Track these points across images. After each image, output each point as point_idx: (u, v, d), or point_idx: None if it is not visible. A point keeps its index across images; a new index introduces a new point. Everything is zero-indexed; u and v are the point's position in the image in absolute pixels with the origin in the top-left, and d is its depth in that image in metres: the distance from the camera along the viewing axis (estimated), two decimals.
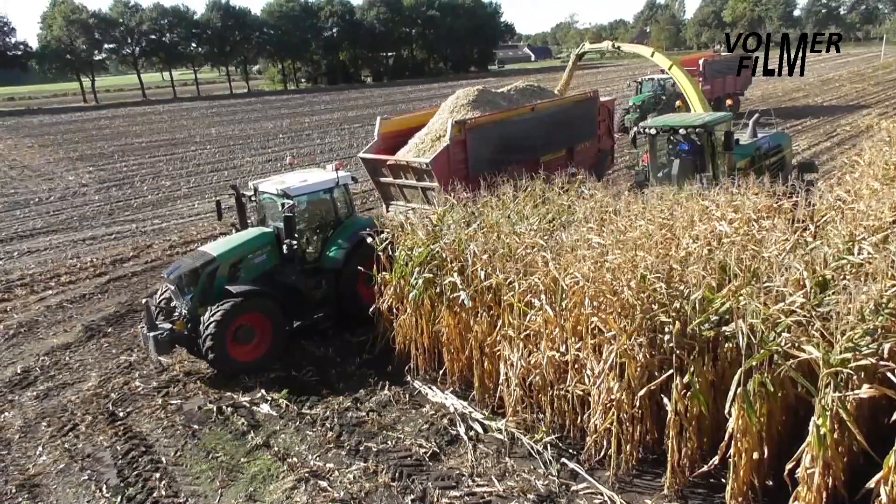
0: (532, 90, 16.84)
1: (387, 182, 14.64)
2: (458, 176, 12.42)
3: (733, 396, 6.22)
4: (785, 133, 16.94)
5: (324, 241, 11.64)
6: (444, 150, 13.13)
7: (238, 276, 10.84)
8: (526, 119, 14.85)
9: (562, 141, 15.89)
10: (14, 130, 51.04)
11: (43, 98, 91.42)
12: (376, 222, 12.32)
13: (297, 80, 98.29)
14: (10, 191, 27.57)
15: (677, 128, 12.84)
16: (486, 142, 13.80)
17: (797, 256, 7.29)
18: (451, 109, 14.93)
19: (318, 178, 11.64)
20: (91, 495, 7.91)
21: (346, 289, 11.38)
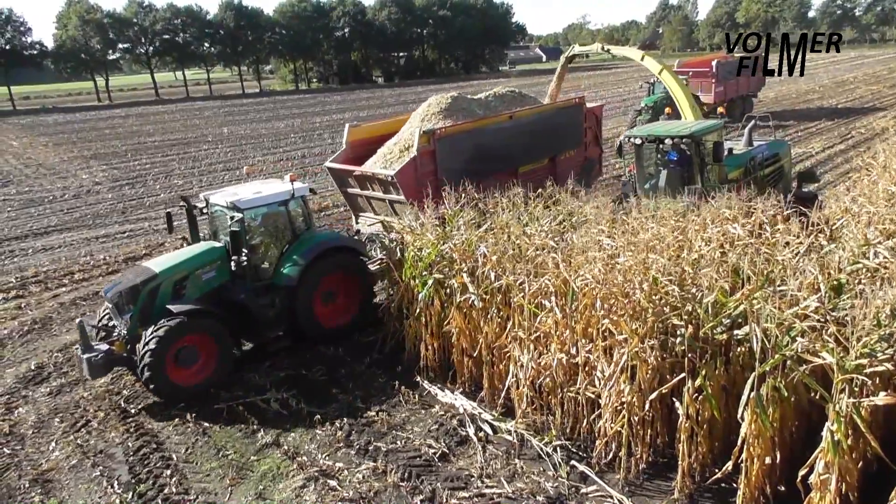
0: (512, 96, 15.89)
1: (354, 193, 13.91)
2: (426, 188, 11.83)
3: (746, 401, 6.18)
4: (784, 141, 16.19)
5: (278, 256, 11.02)
6: (412, 162, 12.36)
7: (183, 293, 10.19)
8: (503, 128, 13.94)
9: (543, 150, 14.99)
10: (29, 129, 51.52)
11: (58, 97, 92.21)
12: (344, 235, 12.07)
13: (309, 80, 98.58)
14: (25, 189, 27.82)
15: (663, 137, 12.01)
16: (457, 152, 12.93)
17: (811, 260, 7.23)
18: (421, 118, 14.10)
19: (273, 190, 10.97)
20: (103, 491, 7.97)
21: (302, 308, 10.82)
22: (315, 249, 10.83)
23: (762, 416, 6.15)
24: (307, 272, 10.67)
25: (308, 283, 10.73)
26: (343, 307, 11.53)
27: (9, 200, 25.65)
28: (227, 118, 52.67)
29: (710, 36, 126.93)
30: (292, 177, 10.98)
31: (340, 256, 11.26)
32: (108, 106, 72.33)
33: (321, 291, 11.15)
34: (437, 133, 12.71)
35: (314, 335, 11.09)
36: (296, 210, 11.15)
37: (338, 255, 11.20)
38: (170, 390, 9.67)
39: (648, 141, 12.29)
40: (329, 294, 11.34)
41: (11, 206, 24.58)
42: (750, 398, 6.16)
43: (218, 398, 9.90)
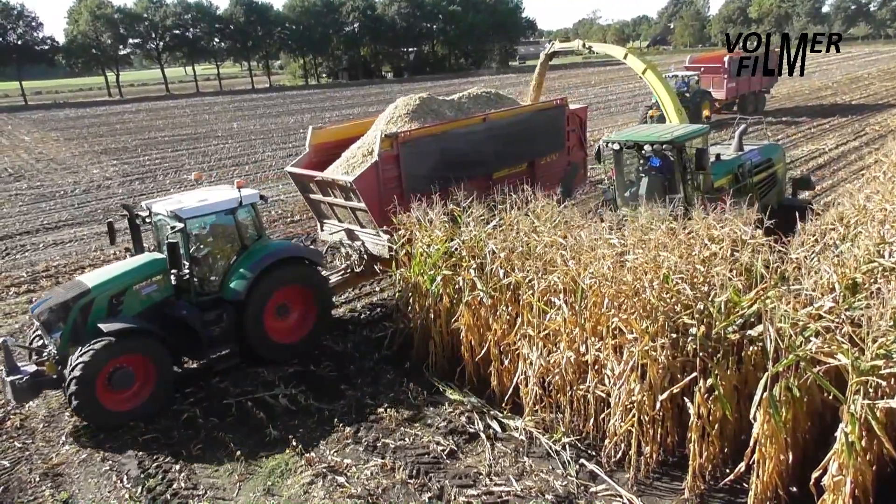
0: (487, 98, 14.85)
1: (317, 200, 13.12)
2: (389, 196, 11.31)
3: (759, 401, 6.10)
4: (777, 144, 15.13)
5: (226, 269, 10.34)
6: (372, 167, 11.41)
7: (120, 310, 9.52)
8: (475, 131, 12.95)
9: (521, 154, 14.02)
10: (41, 124, 51.83)
11: (69, 92, 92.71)
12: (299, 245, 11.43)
13: (318, 76, 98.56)
14: (37, 183, 27.99)
15: (642, 143, 11.13)
16: (424, 157, 12.05)
17: (826, 259, 7.13)
18: (387, 120, 13.19)
19: (219, 197, 10.29)
20: (112, 486, 7.99)
21: (252, 323, 10.20)
22: (265, 261, 10.22)
23: (775, 417, 6.08)
24: (256, 285, 10.08)
25: (258, 296, 10.15)
26: (298, 321, 10.96)
27: (20, 195, 25.81)
28: (236, 113, 52.79)
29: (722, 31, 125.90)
30: (239, 183, 10.32)
31: (294, 268, 10.68)
32: (118, 101, 72.66)
33: (273, 305, 10.55)
34: (400, 136, 11.76)
35: (266, 352, 10.50)
36: (244, 219, 10.45)
37: (291, 267, 10.62)
38: (101, 416, 8.99)
39: (627, 147, 11.41)
40: (282, 308, 10.75)
41: (23, 201, 24.74)
42: (763, 398, 6.09)
43: (227, 394, 9.91)
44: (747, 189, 11.86)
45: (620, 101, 44.99)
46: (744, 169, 12.19)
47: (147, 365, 9.31)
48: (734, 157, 12.68)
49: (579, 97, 49.51)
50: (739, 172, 12.10)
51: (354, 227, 12.44)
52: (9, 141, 42.29)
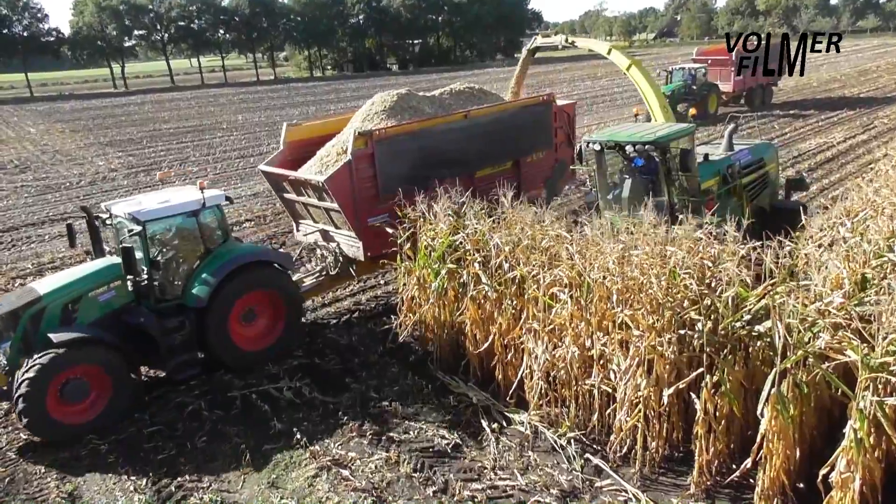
0: (470, 93, 14.26)
1: (291, 199, 12.69)
2: (364, 197, 11.03)
3: (766, 397, 6.05)
4: (770, 143, 14.42)
5: (189, 274, 9.96)
6: (345, 167, 10.92)
7: (75, 318, 9.13)
8: (456, 128, 12.40)
9: (505, 153, 13.40)
10: (47, 115, 51.88)
11: (75, 84, 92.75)
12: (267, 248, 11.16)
13: (323, 68, 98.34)
14: (43, 175, 28.03)
15: (624, 143, 10.54)
16: (401, 156, 11.53)
17: (836, 254, 7.06)
18: (363, 117, 12.68)
19: (182, 199, 9.91)
20: (117, 477, 8.01)
21: (215, 331, 9.85)
22: (229, 265, 9.80)
23: (783, 413, 6.03)
24: (220, 291, 9.70)
25: (222, 302, 9.78)
26: (266, 328, 10.60)
27: (26, 186, 25.86)
28: (241, 105, 52.74)
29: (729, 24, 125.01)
30: (201, 184, 9.91)
31: (261, 272, 10.30)
32: (124, 93, 72.69)
33: (239, 311, 10.18)
34: (375, 134, 11.24)
35: (231, 360, 10.16)
36: (209, 221, 10.05)
37: (258, 271, 10.24)
38: (54, 430, 8.63)
39: (608, 147, 10.78)
40: (249, 314, 10.38)
41: (29, 193, 24.78)
42: (771, 394, 6.04)
43: (231, 386, 9.92)
44: (736, 191, 11.42)
45: (627, 94, 44.72)
46: (733, 170, 11.55)
47: (102, 375, 8.90)
48: (723, 157, 12.01)
49: (585, 89, 49.30)
50: (728, 173, 11.46)
51: (329, 228, 12.04)
52: (14, 132, 42.36)
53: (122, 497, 7.68)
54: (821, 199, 12.74)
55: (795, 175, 16.07)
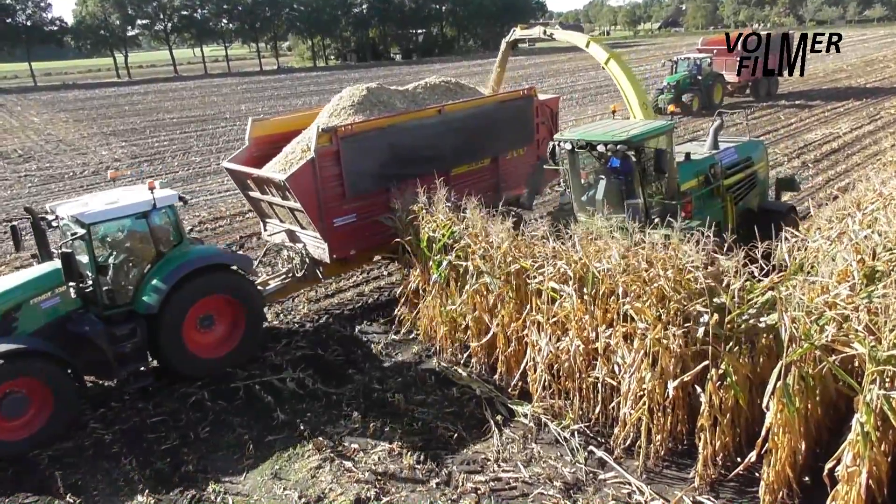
0: (446, 87, 13.66)
1: (256, 198, 12.20)
2: (329, 196, 10.63)
3: (772, 390, 6.01)
4: (758, 141, 13.64)
5: (139, 279, 9.44)
6: (308, 165, 10.44)
7: (14, 327, 8.61)
8: (430, 124, 11.85)
9: (483, 149, 12.85)
10: (50, 105, 51.83)
11: (78, 73, 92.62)
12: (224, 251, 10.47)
13: (327, 57, 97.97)
14: (46, 164, 28.03)
15: (595, 143, 9.88)
16: (368, 153, 11.05)
17: (844, 246, 6.99)
18: (330, 113, 12.09)
19: (131, 199, 9.36)
20: (120, 468, 8.01)
21: (168, 338, 9.39)
22: (182, 269, 9.33)
23: (788, 406, 5.98)
24: (172, 296, 9.24)
25: (175, 308, 9.32)
26: (225, 334, 10.15)
27: (30, 176, 25.86)
28: (245, 95, 52.61)
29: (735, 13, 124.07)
30: (151, 184, 9.31)
31: (218, 276, 9.85)
32: (127, 82, 72.56)
33: (194, 317, 9.72)
34: (339, 131, 10.70)
35: (186, 369, 9.74)
36: (160, 223, 9.52)
37: (214, 275, 9.78)
38: None
39: (579, 146, 10.12)
40: (206, 319, 9.92)
41: (32, 182, 24.79)
42: (776, 387, 5.99)
43: (234, 377, 9.91)
44: (720, 192, 10.85)
45: None
46: (716, 170, 10.88)
47: (43, 389, 8.38)
48: (706, 156, 11.32)
49: (589, 80, 49.00)
50: (711, 173, 10.82)
51: (296, 228, 11.60)
52: (18, 122, 42.35)
53: (126, 487, 7.69)
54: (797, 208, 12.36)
55: (786, 175, 15.36)
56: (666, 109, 30.43)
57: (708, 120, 28.10)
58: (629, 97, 14.42)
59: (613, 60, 14.71)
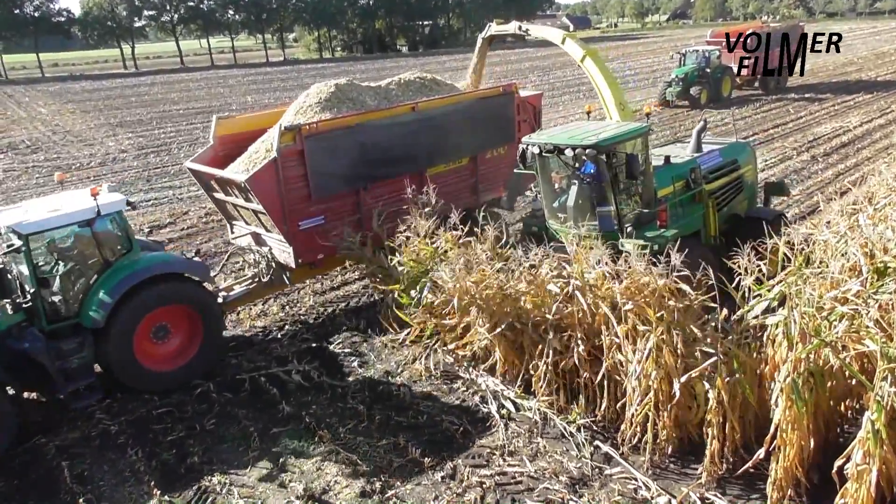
0: (421, 84, 13.07)
1: (220, 199, 11.68)
2: (294, 198, 10.23)
3: (781, 387, 5.95)
4: (745, 143, 12.75)
5: (85, 290, 8.92)
6: (271, 165, 9.96)
7: None
8: (403, 122, 11.33)
9: (461, 148, 12.28)
10: (58, 96, 51.89)
11: (85, 64, 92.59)
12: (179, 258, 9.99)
13: (333, 49, 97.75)
14: (54, 155, 28.07)
15: (563, 147, 9.25)
16: (336, 153, 10.53)
17: (854, 241, 6.92)
18: (296, 110, 11.55)
19: (74, 206, 8.73)
20: (126, 459, 8.03)
21: (117, 352, 8.89)
22: (130, 280, 8.78)
23: (797, 403, 5.93)
24: (120, 308, 8.74)
25: (124, 320, 8.82)
26: (182, 345, 9.63)
27: (37, 167, 25.90)
28: (251, 87, 52.55)
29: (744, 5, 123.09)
30: (93, 191, 8.67)
31: (172, 285, 9.30)
32: (134, 74, 72.59)
33: (147, 329, 9.21)
34: (304, 129, 10.19)
35: (138, 383, 9.22)
36: (106, 230, 8.98)
37: (168, 284, 9.24)
38: None
39: (546, 151, 9.53)
40: (161, 330, 9.41)
41: (40, 173, 24.82)
42: (785, 384, 5.94)
43: (240, 369, 9.92)
44: (701, 198, 10.23)
45: (639, 77, 44.23)
46: (697, 174, 10.24)
47: None
48: (687, 159, 10.63)
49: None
50: (692, 178, 10.17)
51: (261, 231, 11.16)
52: (26, 113, 42.42)
53: (132, 478, 7.71)
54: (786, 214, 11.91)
55: (775, 181, 14.49)
56: (673, 102, 30.34)
57: (714, 114, 27.94)
58: (605, 97, 13.53)
59: (590, 58, 13.78)
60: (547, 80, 45.39)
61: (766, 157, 20.60)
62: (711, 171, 10.69)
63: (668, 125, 26.58)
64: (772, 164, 19.97)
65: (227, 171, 10.95)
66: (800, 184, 17.74)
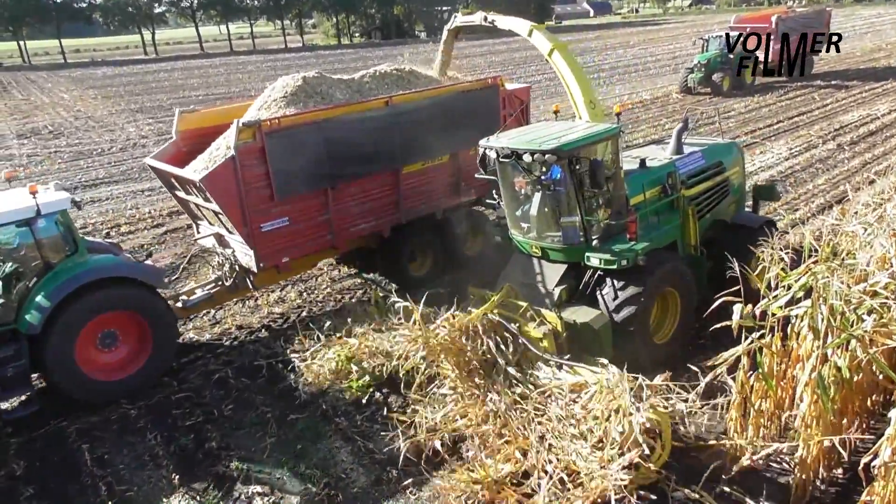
0: (398, 76, 12.28)
1: (183, 198, 11.02)
2: (256, 198, 9.61)
3: (806, 381, 5.82)
4: (732, 144, 11.55)
5: (24, 294, 8.46)
6: (228, 163, 9.33)
7: None
8: (375, 117, 10.62)
9: (440, 145, 11.40)
10: (79, 82, 52.36)
11: (107, 50, 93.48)
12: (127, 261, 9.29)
13: (351, 35, 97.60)
14: (75, 141, 28.33)
15: (521, 151, 8.40)
16: (301, 150, 9.87)
17: (882, 232, 6.73)
18: (260, 105, 10.89)
19: (12, 206, 8.26)
20: (145, 443, 8.11)
21: (56, 361, 8.41)
22: (70, 284, 8.32)
23: (823, 398, 5.79)
24: (60, 314, 8.31)
25: (63, 327, 8.37)
26: (132, 353, 9.16)
27: (60, 152, 26.17)
28: (269, 73, 52.53)
29: None
30: (32, 188, 8.27)
31: (119, 290, 8.81)
32: (154, 59, 73.03)
33: (91, 336, 8.75)
34: (264, 125, 9.53)
35: (81, 394, 8.73)
36: (47, 231, 8.52)
37: (114, 289, 8.78)
38: None
39: (504, 156, 8.66)
40: (109, 338, 8.95)
41: (62, 158, 25.08)
42: (811, 378, 5.80)
43: (258, 355, 9.95)
44: (679, 204, 9.33)
45: (661, 63, 43.60)
46: (674, 179, 9.29)
47: None
48: (664, 162, 9.69)
49: (617, 58, 48.14)
50: (668, 184, 9.26)
51: (224, 232, 10.51)
52: (49, 98, 42.86)
53: (151, 462, 7.78)
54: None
55: (765, 183, 13.41)
56: (695, 88, 29.77)
57: (737, 101, 27.47)
58: (574, 94, 12.06)
59: (558, 51, 12.42)
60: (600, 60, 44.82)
61: (791, 146, 20.23)
62: (693, 175, 9.80)
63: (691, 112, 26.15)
64: (797, 152, 19.59)
65: (186, 169, 10.31)
66: (825, 173, 17.39)
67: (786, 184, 16.47)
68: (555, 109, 10.35)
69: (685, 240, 9.39)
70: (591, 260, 8.37)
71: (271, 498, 7.08)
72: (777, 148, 20.20)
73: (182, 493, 7.23)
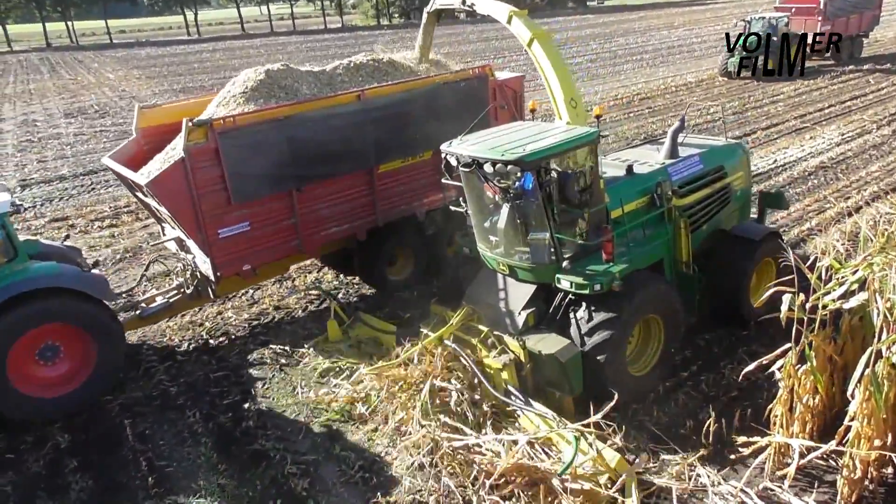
0: (374, 68, 11.32)
1: (143, 200, 10.29)
2: (211, 203, 8.90)
3: (859, 378, 5.59)
4: (737, 145, 10.29)
5: None
6: (178, 166, 8.61)
7: None
8: (346, 112, 9.78)
9: (420, 141, 10.49)
10: (124, 62, 53.37)
11: (151, 31, 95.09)
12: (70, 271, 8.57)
13: (391, 16, 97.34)
14: (120, 120, 28.89)
15: (483, 161, 7.42)
16: (261, 150, 9.12)
17: None
18: (219, 102, 10.04)
19: None
20: (185, 421, 8.25)
21: None
22: (3, 293, 7.77)
23: (876, 396, 5.56)
24: None
25: None
26: (75, 368, 8.54)
27: (105, 131, 26.73)
28: (308, 54, 52.79)
29: None
30: None
31: (60, 301, 8.18)
32: (196, 40, 73.95)
33: (27, 349, 8.18)
34: (216, 124, 8.77)
35: (13, 411, 8.14)
36: None
37: (55, 299, 8.15)
38: None
39: (464, 164, 7.65)
40: (49, 351, 8.36)
41: (108, 137, 25.61)
42: (864, 375, 5.56)
43: (297, 336, 10.02)
44: (672, 216, 8.33)
45: (707, 45, 42.36)
46: (664, 188, 8.24)
47: None
48: (655, 168, 8.70)
49: (661, 40, 46.96)
50: (658, 193, 8.24)
51: (183, 237, 9.76)
52: (95, 78, 43.80)
53: (190, 439, 7.92)
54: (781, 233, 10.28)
55: (772, 190, 12.05)
56: (735, 73, 28.65)
57: (786, 85, 26.51)
58: (553, 90, 10.35)
59: (538, 42, 10.58)
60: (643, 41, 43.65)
61: (843, 132, 19.46)
62: (688, 182, 8.79)
63: (737, 96, 25.39)
64: (849, 138, 18.85)
65: (140, 171, 9.60)
66: (880, 160, 16.71)
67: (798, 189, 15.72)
68: (531, 107, 9.36)
69: (675, 256, 8.43)
70: (562, 282, 7.44)
71: (307, 478, 7.13)
72: (828, 133, 19.47)
73: (220, 471, 7.33)
